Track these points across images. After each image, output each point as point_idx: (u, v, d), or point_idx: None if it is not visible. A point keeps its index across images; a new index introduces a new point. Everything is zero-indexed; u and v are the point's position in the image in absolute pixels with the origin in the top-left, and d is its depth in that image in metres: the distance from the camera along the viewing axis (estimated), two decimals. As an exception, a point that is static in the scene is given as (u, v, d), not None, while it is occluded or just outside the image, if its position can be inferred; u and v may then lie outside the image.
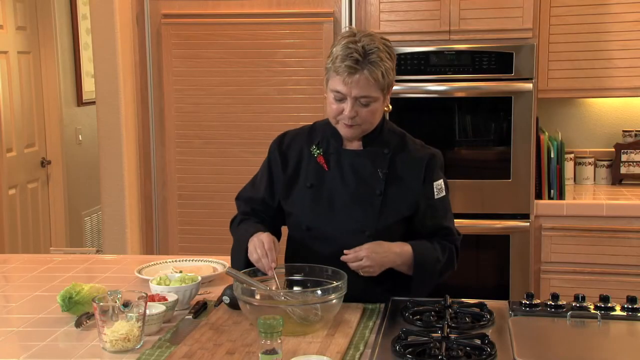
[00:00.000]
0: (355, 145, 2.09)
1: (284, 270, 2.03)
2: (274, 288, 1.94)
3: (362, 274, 1.98)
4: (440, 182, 2.09)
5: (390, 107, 2.12)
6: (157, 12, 3.70)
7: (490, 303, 1.95)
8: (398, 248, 2.01)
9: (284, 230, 2.22)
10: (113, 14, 3.65)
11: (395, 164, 2.07)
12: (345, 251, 1.97)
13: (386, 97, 2.02)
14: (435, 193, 2.07)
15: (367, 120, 2.00)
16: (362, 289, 2.03)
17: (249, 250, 2.00)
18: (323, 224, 2.06)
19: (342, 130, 2.03)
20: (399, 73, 3.39)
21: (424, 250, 2.04)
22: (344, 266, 1.96)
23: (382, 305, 2.02)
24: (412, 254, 2.01)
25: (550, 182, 3.49)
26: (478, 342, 1.68)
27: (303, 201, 2.09)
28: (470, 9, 3.39)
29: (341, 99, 1.97)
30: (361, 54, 1.92)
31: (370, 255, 1.95)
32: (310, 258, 2.05)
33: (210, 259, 2.47)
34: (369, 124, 2.02)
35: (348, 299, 1.91)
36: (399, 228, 2.07)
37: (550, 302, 1.90)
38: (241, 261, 2.05)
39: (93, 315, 1.81)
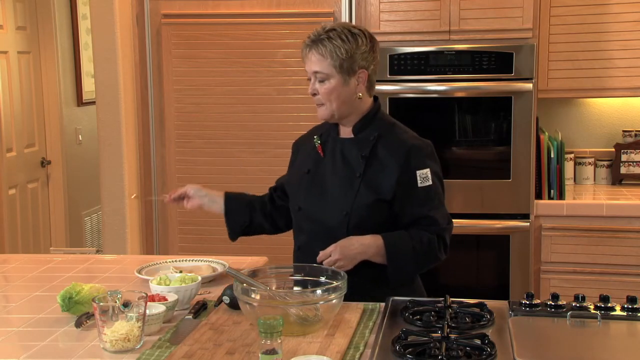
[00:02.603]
0: (348, 134, 2.22)
1: (288, 270, 2.04)
2: (274, 287, 1.94)
3: (336, 269, 2.04)
4: (426, 171, 2.14)
5: (360, 94, 2.16)
6: (157, 12, 3.70)
7: (490, 303, 1.95)
8: (368, 240, 2.09)
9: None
10: (113, 14, 3.65)
11: (377, 149, 2.16)
12: (320, 252, 2.07)
13: (348, 79, 2.12)
14: (419, 181, 2.12)
15: (326, 99, 2.13)
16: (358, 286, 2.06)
17: None
18: (311, 204, 2.20)
19: (318, 111, 2.20)
20: (399, 73, 3.44)
21: (397, 241, 2.10)
22: (328, 243, 2.08)
23: (382, 305, 2.02)
24: (384, 245, 2.08)
25: (550, 182, 3.49)
26: (478, 342, 1.68)
27: (299, 185, 2.26)
28: (470, 9, 3.39)
29: (309, 77, 2.17)
30: (316, 34, 2.13)
31: (336, 249, 2.05)
32: (300, 235, 2.26)
33: (210, 259, 2.47)
34: (332, 104, 2.14)
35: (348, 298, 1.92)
36: (379, 211, 2.13)
37: (550, 302, 1.90)
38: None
39: (93, 315, 1.81)
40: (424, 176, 2.13)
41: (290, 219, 2.34)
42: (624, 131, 3.89)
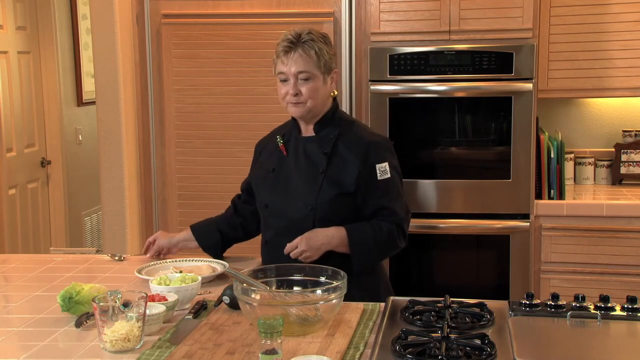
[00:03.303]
0: (309, 132, 2.33)
1: (288, 270, 2.03)
2: (274, 287, 1.95)
3: (303, 261, 2.18)
4: (385, 164, 2.26)
5: (336, 92, 2.34)
6: (157, 12, 3.70)
7: (490, 303, 1.95)
8: (331, 231, 2.22)
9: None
10: (113, 14, 3.65)
11: (338, 145, 2.28)
12: (287, 244, 2.21)
13: (326, 79, 2.26)
14: (379, 175, 2.25)
15: (310, 97, 2.23)
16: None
17: None
18: (277, 201, 2.32)
19: (290, 110, 2.28)
20: (399, 73, 3.44)
21: (359, 231, 2.24)
22: (293, 237, 2.21)
23: (382, 305, 2.03)
24: (347, 235, 2.21)
25: (550, 182, 3.49)
26: (478, 342, 1.68)
27: (265, 183, 2.36)
28: (470, 9, 3.39)
29: (285, 79, 2.24)
30: (295, 37, 2.23)
31: (302, 241, 2.19)
32: (267, 230, 2.36)
33: (210, 259, 2.48)
34: (312, 102, 2.24)
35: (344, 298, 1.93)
36: (342, 204, 2.24)
37: (550, 302, 1.90)
38: None
39: (93, 315, 1.81)
40: (383, 170, 2.26)
41: (260, 220, 2.44)
42: (624, 131, 3.89)
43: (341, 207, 2.25)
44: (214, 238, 2.52)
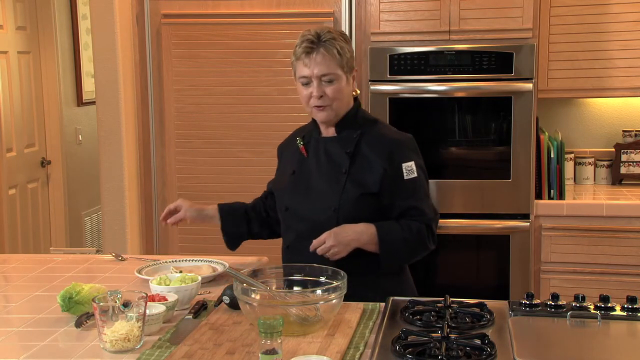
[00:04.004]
0: (331, 133, 2.26)
1: (288, 270, 2.04)
2: (274, 287, 1.95)
3: (330, 257, 2.10)
4: (411, 164, 2.20)
5: (358, 91, 2.28)
6: (157, 12, 3.70)
7: (490, 303, 1.95)
8: (361, 227, 2.14)
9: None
10: (113, 14, 3.65)
11: (361, 145, 2.21)
12: (313, 240, 2.12)
13: (349, 78, 2.20)
14: (405, 174, 2.19)
15: (335, 99, 2.16)
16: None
17: None
18: (298, 203, 2.25)
19: (316, 115, 2.21)
20: (399, 73, 3.44)
21: (388, 229, 2.16)
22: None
23: (382, 305, 2.03)
24: (376, 232, 2.13)
25: (550, 182, 3.49)
26: (478, 342, 1.68)
27: (285, 186, 2.30)
28: (470, 9, 3.39)
29: (307, 82, 2.16)
30: (315, 36, 2.15)
31: (330, 236, 2.10)
32: (289, 234, 2.29)
33: (210, 259, 2.47)
34: (338, 103, 2.17)
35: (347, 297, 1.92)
36: (366, 204, 2.18)
37: (550, 302, 1.90)
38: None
39: (93, 315, 1.81)
40: (409, 169, 2.20)
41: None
42: (624, 131, 3.89)
43: (365, 207, 2.18)
44: (239, 230, 2.42)
